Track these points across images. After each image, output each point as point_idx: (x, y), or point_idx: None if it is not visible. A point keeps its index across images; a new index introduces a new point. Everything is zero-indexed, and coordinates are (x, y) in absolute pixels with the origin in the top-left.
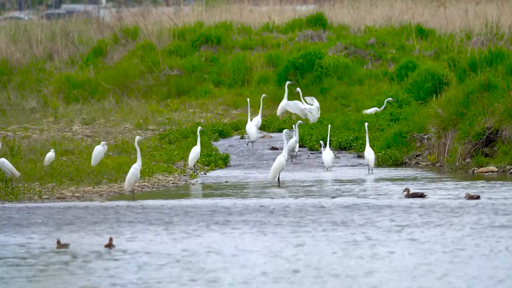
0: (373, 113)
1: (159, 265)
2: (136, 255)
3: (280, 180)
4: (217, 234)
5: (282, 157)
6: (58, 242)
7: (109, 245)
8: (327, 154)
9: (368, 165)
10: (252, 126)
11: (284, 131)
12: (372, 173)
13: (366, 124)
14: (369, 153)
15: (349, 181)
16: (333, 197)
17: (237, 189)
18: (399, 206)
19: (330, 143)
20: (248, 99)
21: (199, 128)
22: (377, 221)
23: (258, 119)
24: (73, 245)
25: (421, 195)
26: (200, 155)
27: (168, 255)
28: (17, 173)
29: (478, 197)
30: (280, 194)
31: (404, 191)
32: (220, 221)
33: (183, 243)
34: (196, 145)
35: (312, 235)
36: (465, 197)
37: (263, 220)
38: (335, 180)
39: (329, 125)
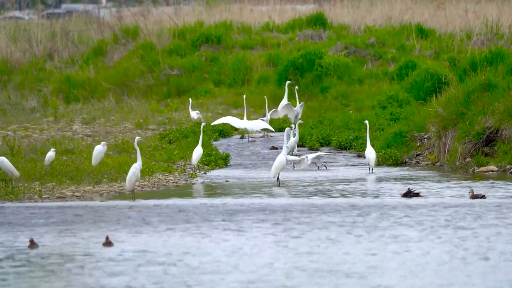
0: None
1: (158, 265)
2: (135, 255)
3: (280, 179)
4: (218, 234)
5: (282, 156)
6: (32, 241)
7: (107, 243)
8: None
9: (368, 164)
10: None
11: (286, 129)
12: (372, 172)
13: (366, 122)
14: (370, 153)
15: (349, 181)
16: (333, 197)
17: (237, 189)
18: (398, 206)
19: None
20: (244, 96)
21: (203, 123)
22: (375, 220)
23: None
24: (73, 244)
25: (417, 194)
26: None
27: (169, 255)
28: (17, 173)
29: (483, 197)
30: (280, 194)
31: (407, 191)
32: (220, 221)
33: (183, 243)
34: (198, 143)
35: (312, 234)
36: (468, 196)
37: (263, 220)
38: (335, 179)
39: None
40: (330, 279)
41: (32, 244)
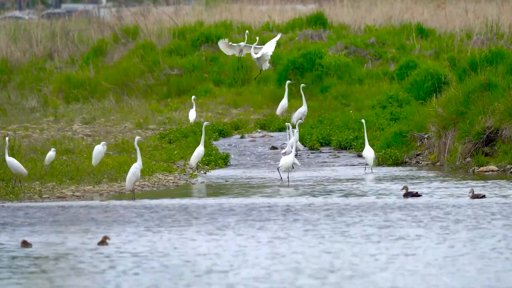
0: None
1: (156, 265)
2: (135, 255)
3: (282, 178)
4: (218, 234)
5: (290, 157)
6: (24, 241)
7: (103, 243)
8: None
9: (367, 164)
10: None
11: (291, 129)
12: (371, 172)
13: (362, 120)
14: (368, 152)
15: (349, 180)
16: (333, 197)
17: (237, 189)
18: (399, 206)
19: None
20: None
21: (205, 123)
22: (376, 220)
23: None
24: (70, 244)
25: (416, 194)
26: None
27: (168, 255)
28: (25, 171)
29: (483, 196)
30: (280, 194)
31: (403, 189)
32: (219, 221)
33: (182, 242)
34: (198, 143)
35: (313, 234)
36: (469, 196)
37: (264, 219)
38: (336, 179)
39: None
40: (332, 280)
41: (25, 244)
